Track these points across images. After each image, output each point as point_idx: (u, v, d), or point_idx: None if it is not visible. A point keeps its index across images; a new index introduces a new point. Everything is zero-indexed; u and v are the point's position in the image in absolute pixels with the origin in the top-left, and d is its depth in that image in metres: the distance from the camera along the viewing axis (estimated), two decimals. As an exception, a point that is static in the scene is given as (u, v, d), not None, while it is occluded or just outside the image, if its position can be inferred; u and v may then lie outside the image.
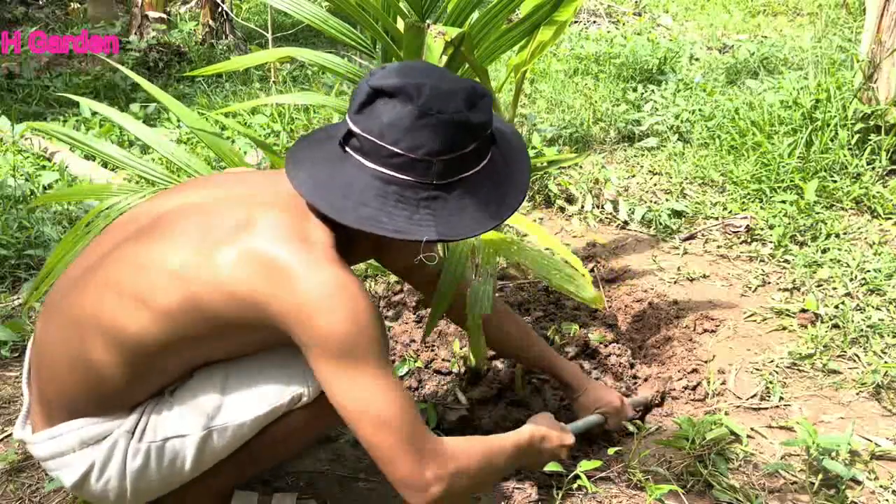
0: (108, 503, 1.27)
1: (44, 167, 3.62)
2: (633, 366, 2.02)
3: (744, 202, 3.03)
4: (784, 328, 2.22)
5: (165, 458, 1.24)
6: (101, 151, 1.84)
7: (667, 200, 3.10)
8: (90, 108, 4.45)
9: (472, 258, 1.55)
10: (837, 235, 2.72)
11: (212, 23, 6.53)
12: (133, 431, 1.24)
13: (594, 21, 7.23)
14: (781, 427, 1.82)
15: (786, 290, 2.41)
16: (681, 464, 1.66)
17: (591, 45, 5.82)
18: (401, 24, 1.63)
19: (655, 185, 3.29)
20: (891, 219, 2.86)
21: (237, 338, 1.21)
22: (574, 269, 1.59)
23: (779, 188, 3.04)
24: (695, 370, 2.03)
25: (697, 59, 5.45)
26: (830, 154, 3.13)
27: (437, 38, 1.52)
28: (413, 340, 2.08)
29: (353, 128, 1.14)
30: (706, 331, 2.24)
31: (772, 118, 3.47)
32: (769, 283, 2.48)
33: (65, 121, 4.46)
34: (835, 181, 3.04)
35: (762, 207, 2.95)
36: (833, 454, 1.63)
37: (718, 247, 2.75)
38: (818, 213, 2.85)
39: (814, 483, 1.59)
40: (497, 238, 1.63)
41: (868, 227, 2.79)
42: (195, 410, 1.25)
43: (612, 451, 1.60)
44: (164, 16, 6.47)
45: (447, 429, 1.76)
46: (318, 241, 1.15)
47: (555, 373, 1.72)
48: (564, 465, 1.43)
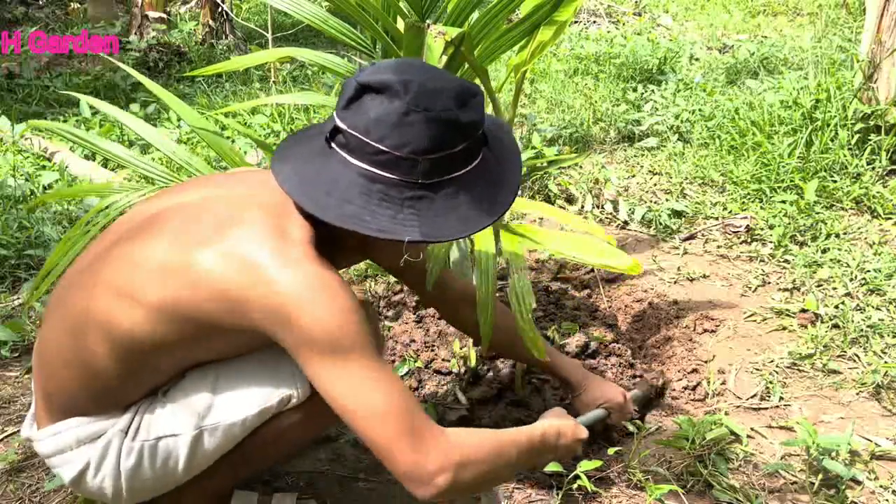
0: (107, 500, 1.29)
1: (44, 167, 3.62)
2: (633, 366, 2.02)
3: (744, 202, 3.03)
4: (784, 328, 2.22)
5: (158, 458, 1.25)
6: (104, 149, 1.84)
7: (667, 200, 3.10)
8: (90, 109, 4.47)
9: (473, 256, 1.55)
10: (837, 235, 2.72)
11: (212, 23, 6.54)
12: (127, 430, 1.25)
13: (594, 21, 7.23)
14: (781, 427, 1.82)
15: (786, 290, 2.42)
16: (681, 464, 1.66)
17: (591, 45, 5.82)
18: (401, 24, 1.63)
19: (655, 185, 3.28)
20: (891, 219, 2.86)
21: (224, 339, 1.21)
22: (604, 243, 1.55)
23: (779, 188, 3.04)
24: (695, 370, 2.03)
25: (697, 59, 5.45)
26: (830, 154, 3.13)
27: (437, 38, 1.52)
28: (413, 340, 2.08)
29: (340, 124, 1.12)
30: (706, 331, 2.24)
31: (772, 118, 3.47)
32: (769, 283, 2.48)
33: (64, 121, 4.46)
34: (835, 181, 3.04)
35: (762, 207, 2.95)
36: (833, 454, 1.63)
37: (718, 247, 2.75)
38: (818, 213, 2.85)
39: (814, 483, 1.59)
40: (519, 229, 1.61)
41: (868, 227, 2.79)
42: (187, 410, 1.25)
43: (612, 451, 1.60)
44: (164, 16, 6.48)
45: (447, 429, 1.76)
46: (298, 240, 1.14)
47: (554, 369, 1.68)
48: (564, 465, 1.42)
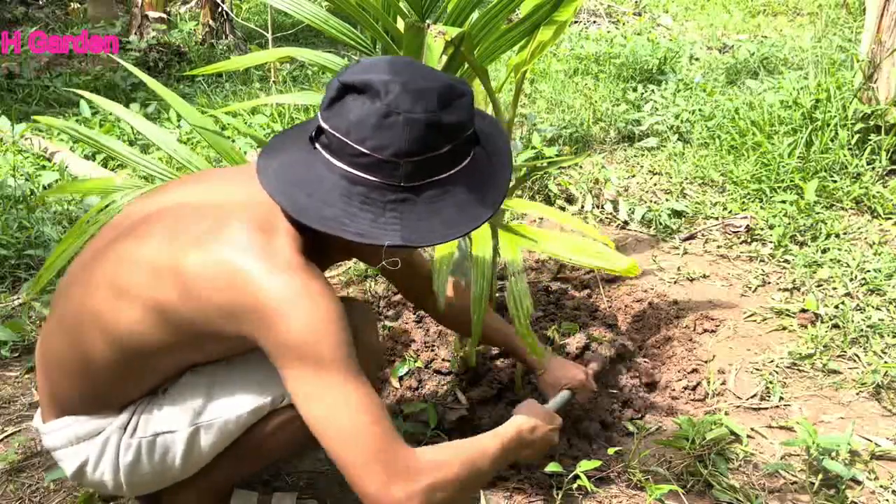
0: (108, 493, 1.31)
1: (44, 167, 3.62)
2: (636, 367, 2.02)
3: (744, 202, 3.03)
4: (784, 328, 2.22)
5: (156, 453, 1.26)
6: (106, 146, 1.83)
7: (667, 200, 3.10)
8: (90, 109, 4.47)
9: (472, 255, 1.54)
10: (837, 235, 2.72)
11: (212, 23, 6.54)
12: (125, 428, 1.26)
13: (594, 21, 7.23)
14: (781, 427, 1.82)
15: (786, 290, 2.42)
16: (681, 464, 1.66)
17: (591, 45, 5.82)
18: (401, 24, 1.63)
19: (655, 185, 3.28)
20: (891, 219, 2.86)
21: (215, 343, 1.20)
22: (602, 245, 1.55)
23: (779, 188, 3.04)
24: (695, 370, 2.03)
25: (697, 59, 5.45)
26: (830, 154, 3.13)
27: (437, 38, 1.51)
28: (413, 340, 2.08)
29: (323, 124, 1.09)
30: (706, 331, 2.24)
31: (772, 118, 3.47)
32: (769, 283, 2.48)
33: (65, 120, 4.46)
34: (835, 181, 3.04)
35: (762, 207, 2.95)
36: (833, 454, 1.63)
37: (718, 247, 2.75)
38: (818, 213, 2.85)
39: (814, 483, 1.59)
40: (517, 229, 1.60)
41: (868, 227, 2.79)
42: (183, 407, 1.26)
43: (612, 451, 1.60)
44: (164, 16, 6.47)
45: (447, 429, 1.76)
46: (283, 245, 1.12)
47: (512, 349, 1.68)
48: (564, 465, 1.42)
